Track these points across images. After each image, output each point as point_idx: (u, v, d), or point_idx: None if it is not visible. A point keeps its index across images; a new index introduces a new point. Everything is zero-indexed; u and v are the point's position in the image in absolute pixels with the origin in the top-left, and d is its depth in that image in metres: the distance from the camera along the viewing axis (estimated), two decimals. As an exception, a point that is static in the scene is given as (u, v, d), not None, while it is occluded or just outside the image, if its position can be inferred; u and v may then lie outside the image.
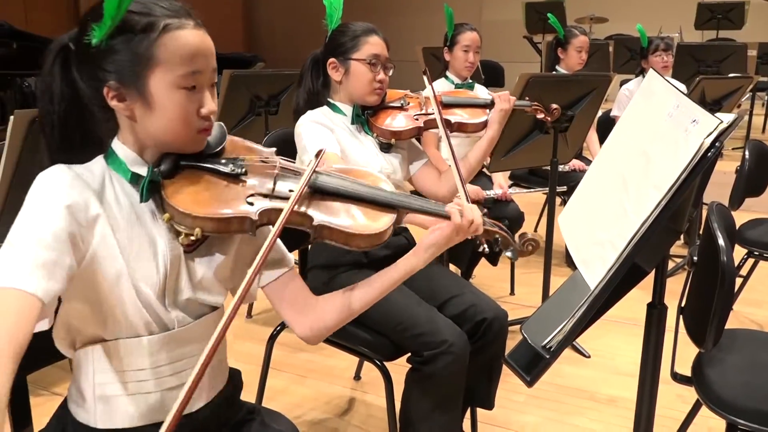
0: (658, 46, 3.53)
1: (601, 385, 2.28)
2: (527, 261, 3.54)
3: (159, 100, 0.91)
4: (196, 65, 0.92)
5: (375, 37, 1.73)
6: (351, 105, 1.77)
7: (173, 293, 0.98)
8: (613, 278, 0.84)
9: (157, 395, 0.98)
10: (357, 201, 1.05)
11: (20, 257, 0.80)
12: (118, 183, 0.95)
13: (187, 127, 0.94)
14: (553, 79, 2.82)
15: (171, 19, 0.91)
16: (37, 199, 0.86)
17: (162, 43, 0.90)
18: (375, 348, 1.61)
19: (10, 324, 0.75)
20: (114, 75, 0.90)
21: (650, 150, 1.02)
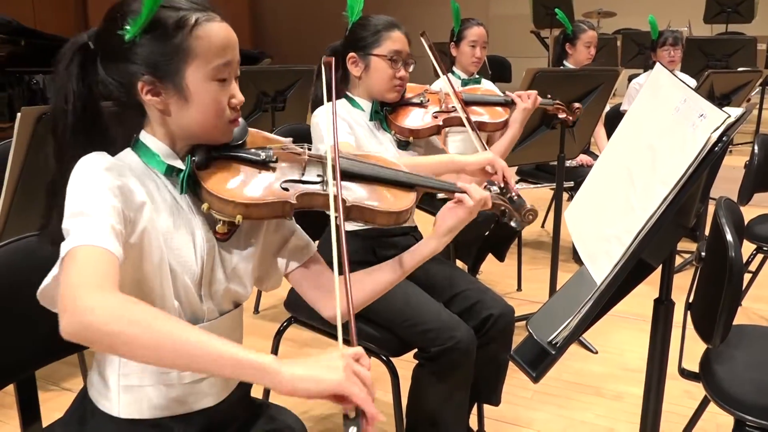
0: (666, 40, 3.51)
1: (608, 380, 2.27)
2: (534, 257, 3.54)
3: (195, 92, 0.93)
4: (228, 56, 0.95)
5: (397, 32, 1.69)
6: (370, 101, 1.75)
7: (209, 283, 1.01)
8: (620, 274, 0.83)
9: (180, 388, 1.00)
10: (380, 182, 1.12)
11: (97, 222, 0.82)
12: (154, 174, 0.98)
13: (220, 118, 0.96)
14: (560, 73, 2.80)
15: (200, 12, 0.93)
16: (90, 177, 0.87)
17: (197, 36, 0.92)
18: (381, 344, 1.61)
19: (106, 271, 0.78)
20: (148, 69, 0.92)
21: (657, 144, 1.01)
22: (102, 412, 1.00)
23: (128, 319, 0.73)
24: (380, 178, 1.12)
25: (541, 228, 3.96)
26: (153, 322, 0.73)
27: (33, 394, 1.18)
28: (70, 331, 0.73)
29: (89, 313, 0.72)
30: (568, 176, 2.94)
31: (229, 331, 1.06)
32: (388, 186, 1.13)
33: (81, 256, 0.78)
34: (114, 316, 0.73)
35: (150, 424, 1.00)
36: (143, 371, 0.98)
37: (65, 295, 0.75)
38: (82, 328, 0.73)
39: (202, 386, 1.02)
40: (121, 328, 0.72)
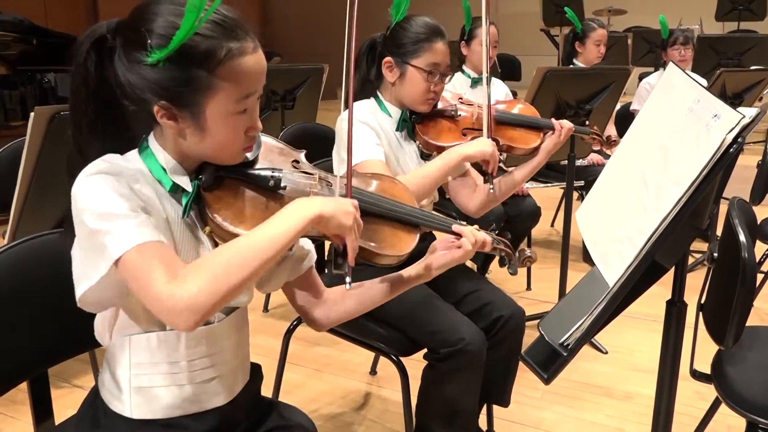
0: (677, 39, 3.49)
1: (618, 381, 2.26)
2: (544, 257, 3.53)
3: (213, 125, 0.91)
4: (252, 89, 0.92)
5: (439, 43, 1.61)
6: (399, 108, 1.68)
7: None
8: (632, 275, 0.83)
9: (191, 387, 1.00)
10: (385, 219, 1.10)
11: (130, 220, 0.84)
12: (159, 184, 0.95)
13: (235, 147, 0.95)
14: (570, 72, 2.79)
15: (232, 42, 0.88)
16: (100, 186, 0.86)
17: (223, 72, 0.87)
18: (391, 343, 1.61)
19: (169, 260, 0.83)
20: (167, 95, 0.88)
21: (670, 145, 1.00)
22: (114, 413, 1.01)
23: (220, 275, 0.81)
24: (388, 216, 1.10)
25: (551, 227, 3.95)
26: (230, 258, 0.82)
27: (46, 392, 1.19)
28: (193, 324, 0.80)
29: (196, 301, 0.79)
30: (578, 175, 2.93)
31: (235, 329, 1.06)
32: (394, 224, 1.11)
33: (139, 259, 0.82)
34: (211, 285, 0.80)
35: (162, 424, 1.00)
36: (154, 372, 0.98)
37: (159, 301, 0.80)
38: (202, 315, 0.80)
39: (213, 385, 1.03)
40: (225, 286, 0.80)
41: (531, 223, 2.88)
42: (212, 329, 1.01)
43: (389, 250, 1.07)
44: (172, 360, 0.98)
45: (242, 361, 1.10)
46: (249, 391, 1.12)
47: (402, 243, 1.09)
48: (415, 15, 1.65)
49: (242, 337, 1.09)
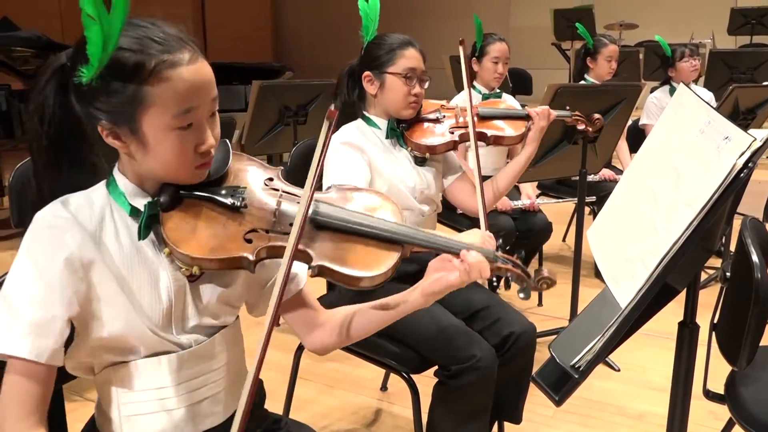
0: (684, 52, 3.49)
1: (630, 399, 2.24)
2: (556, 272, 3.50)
3: (153, 141, 0.88)
4: (191, 103, 0.88)
5: (411, 50, 1.71)
6: (386, 118, 1.76)
7: (180, 321, 0.98)
8: (644, 298, 0.83)
9: (181, 410, 0.99)
10: (360, 237, 1.00)
11: (14, 320, 0.85)
12: (119, 215, 0.94)
13: (184, 165, 0.91)
14: (581, 89, 2.80)
15: (164, 54, 0.85)
16: (33, 250, 0.87)
17: (153, 85, 0.85)
18: (402, 360, 1.62)
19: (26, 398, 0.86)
20: (106, 115, 0.87)
21: (681, 166, 1.00)
22: None
23: None
24: (361, 233, 0.99)
25: (563, 242, 3.94)
26: None
27: (60, 406, 1.20)
28: None
29: None
30: (590, 191, 2.92)
31: (222, 348, 1.03)
32: (370, 242, 1.00)
33: (10, 374, 0.85)
34: None
35: None
36: (141, 400, 0.97)
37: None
38: None
39: (205, 406, 1.01)
40: None
41: (542, 238, 2.88)
42: (194, 352, 0.99)
43: (361, 270, 0.97)
44: (157, 386, 0.97)
45: (236, 378, 1.07)
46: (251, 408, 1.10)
47: (376, 262, 0.98)
48: (385, 33, 1.76)
49: (234, 355, 1.06)
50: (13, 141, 3.96)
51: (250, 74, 4.90)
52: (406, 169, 1.74)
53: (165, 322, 0.96)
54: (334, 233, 0.99)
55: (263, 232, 0.95)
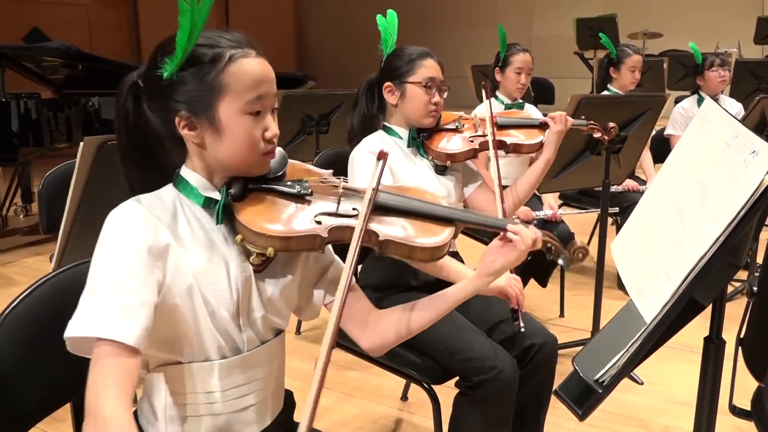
0: (713, 62, 3.45)
1: (655, 413, 2.21)
2: (577, 283, 3.49)
3: (227, 126, 0.96)
4: (261, 90, 0.97)
5: (430, 60, 1.75)
6: (407, 128, 1.79)
7: (246, 312, 1.03)
8: (670, 313, 0.82)
9: (225, 416, 1.02)
10: (417, 216, 1.09)
11: (102, 305, 0.87)
12: (189, 209, 1.00)
13: (253, 151, 0.99)
14: (605, 100, 2.78)
15: (235, 49, 0.96)
16: (113, 241, 0.92)
17: (229, 72, 0.95)
18: (423, 371, 1.62)
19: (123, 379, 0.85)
20: (185, 105, 0.96)
21: (707, 180, 1.00)
22: None
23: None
24: (418, 212, 1.10)
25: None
26: None
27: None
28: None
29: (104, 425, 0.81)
30: (613, 202, 2.90)
31: (270, 357, 1.07)
32: (426, 220, 1.11)
33: (102, 358, 0.85)
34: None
35: None
36: (189, 402, 1.00)
37: (89, 399, 0.84)
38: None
39: (247, 414, 1.04)
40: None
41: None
42: (246, 358, 1.03)
43: (421, 242, 1.06)
44: (207, 390, 1.00)
45: (276, 389, 1.11)
46: (282, 419, 1.13)
47: (435, 236, 1.08)
48: (403, 45, 1.81)
49: (277, 366, 1.10)
50: (43, 149, 4.04)
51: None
52: (427, 178, 1.76)
53: (234, 312, 1.00)
54: (395, 214, 1.08)
55: (330, 215, 1.03)
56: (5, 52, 3.94)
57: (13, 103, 3.78)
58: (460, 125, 1.86)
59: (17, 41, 4.73)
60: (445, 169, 1.81)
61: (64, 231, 1.51)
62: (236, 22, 10.16)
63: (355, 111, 1.87)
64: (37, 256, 3.98)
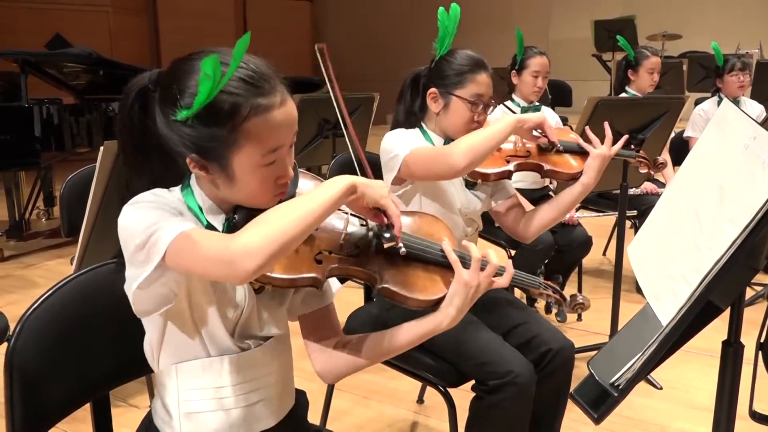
0: (734, 65, 3.40)
1: (673, 418, 2.19)
2: (595, 287, 3.46)
3: (241, 176, 0.93)
4: (279, 143, 0.93)
5: (482, 75, 1.64)
6: (443, 138, 1.71)
7: (243, 328, 1.04)
8: (686, 316, 0.82)
9: (238, 411, 1.04)
10: (420, 261, 1.09)
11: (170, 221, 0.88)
12: (194, 222, 0.98)
13: (265, 196, 0.97)
14: (622, 102, 2.76)
15: (257, 98, 0.90)
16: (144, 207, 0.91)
17: (247, 127, 0.90)
18: (439, 374, 1.62)
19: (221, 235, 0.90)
20: (197, 149, 0.92)
21: (725, 182, 0.99)
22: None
23: (271, 229, 0.84)
24: (423, 259, 1.09)
25: (603, 256, 3.88)
26: (276, 218, 0.86)
27: (107, 412, 1.25)
28: (252, 268, 0.82)
29: (251, 247, 0.82)
30: (631, 204, 2.88)
31: (274, 355, 1.08)
32: (429, 266, 1.09)
33: (189, 241, 0.85)
34: (264, 236, 0.83)
35: None
36: (201, 398, 1.02)
37: (216, 258, 0.83)
38: (259, 259, 0.82)
39: (259, 408, 1.06)
40: (278, 239, 0.83)
41: (582, 252, 2.84)
42: (250, 355, 1.04)
43: (422, 294, 1.05)
44: (218, 385, 1.02)
45: (286, 386, 1.13)
46: (294, 417, 1.14)
47: (435, 287, 1.07)
48: (459, 48, 1.69)
49: (284, 363, 1.11)
50: (65, 153, 4.10)
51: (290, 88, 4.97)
52: (456, 190, 1.71)
53: (231, 327, 1.01)
54: (399, 258, 1.06)
55: (333, 254, 1.01)
56: (28, 58, 4.01)
57: (36, 109, 3.85)
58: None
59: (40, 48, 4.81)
60: (475, 184, 1.75)
61: (85, 234, 1.54)
62: (254, 27, 10.23)
63: (400, 104, 1.76)
64: (58, 258, 4.04)
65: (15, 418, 1.01)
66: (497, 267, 1.12)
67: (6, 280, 3.69)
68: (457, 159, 1.49)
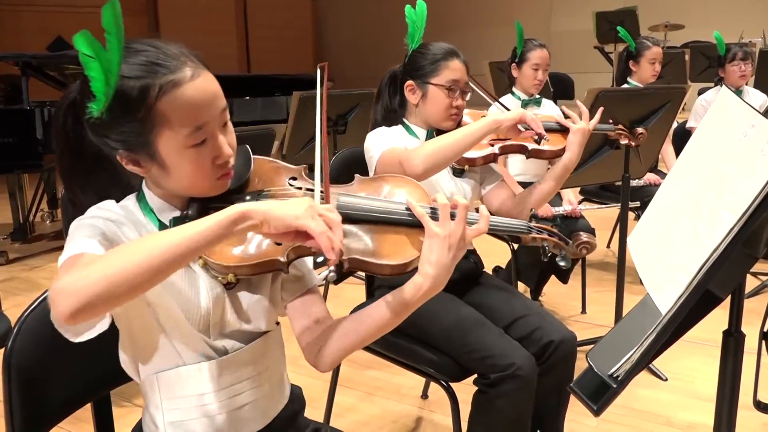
0: (735, 54, 3.38)
1: (678, 409, 2.18)
2: (599, 279, 3.45)
3: (171, 162, 0.91)
4: (201, 119, 0.89)
5: (456, 61, 1.70)
6: (426, 128, 1.75)
7: (219, 327, 1.00)
8: (684, 305, 0.81)
9: (223, 416, 1.02)
10: (389, 224, 0.99)
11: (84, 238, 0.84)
12: (151, 228, 0.97)
13: (205, 179, 0.93)
14: (623, 93, 2.74)
15: (166, 76, 0.87)
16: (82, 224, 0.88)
17: (161, 107, 0.87)
18: (441, 368, 1.61)
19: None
20: (122, 144, 0.90)
21: (724, 170, 0.98)
22: None
23: (110, 266, 0.73)
24: (388, 220, 0.99)
25: (607, 248, 3.86)
26: (132, 253, 0.74)
27: (108, 411, 1.25)
28: (66, 309, 0.71)
29: (72, 288, 0.71)
30: (634, 196, 2.86)
31: (258, 355, 1.05)
32: (398, 228, 0.98)
33: (73, 260, 0.80)
34: (95, 274, 0.72)
35: None
36: (184, 406, 1.00)
37: (51, 291, 0.74)
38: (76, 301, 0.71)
39: (246, 411, 1.04)
40: (111, 278, 0.72)
41: (585, 245, 2.83)
42: (231, 358, 1.01)
43: (390, 259, 0.95)
44: (200, 392, 1.00)
45: (276, 386, 1.10)
46: (287, 415, 1.12)
47: (405, 249, 0.97)
48: (430, 42, 1.74)
49: (272, 362, 1.08)
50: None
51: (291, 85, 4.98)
52: (444, 179, 1.74)
53: (203, 328, 0.98)
54: (361, 224, 0.98)
55: None
56: (29, 61, 4.02)
57: (38, 111, 3.86)
58: None
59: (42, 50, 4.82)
60: (463, 171, 1.77)
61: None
62: (255, 26, 10.24)
63: (378, 104, 1.82)
64: (63, 260, 4.05)
65: (15, 418, 1.01)
66: (466, 207, 0.97)
67: (11, 282, 3.71)
68: (416, 164, 1.51)
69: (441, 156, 1.53)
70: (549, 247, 1.11)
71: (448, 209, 0.96)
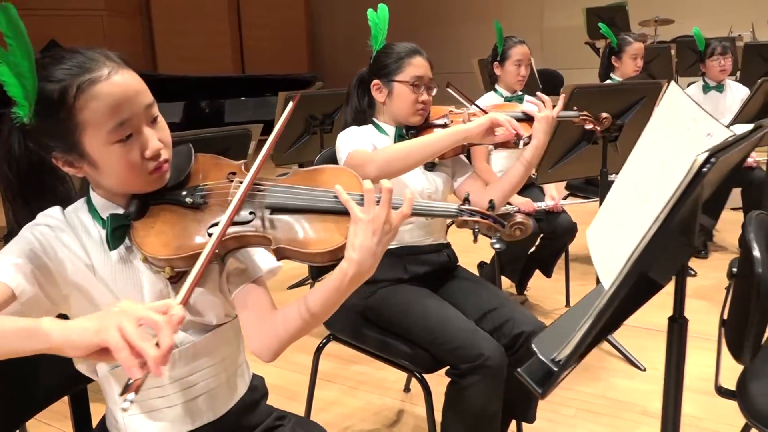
0: (714, 49, 3.42)
1: (655, 399, 2.22)
2: (583, 273, 3.48)
3: (99, 159, 0.93)
4: (122, 115, 0.92)
5: (418, 58, 1.76)
6: (394, 125, 1.81)
7: None
8: (618, 291, 0.85)
9: (180, 406, 1.05)
10: (315, 213, 1.01)
11: (9, 259, 0.88)
12: (98, 229, 1.00)
13: (137, 174, 0.96)
14: (599, 88, 2.78)
15: (82, 76, 0.90)
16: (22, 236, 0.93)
17: (80, 106, 0.90)
18: (415, 361, 1.65)
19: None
20: (54, 146, 0.94)
21: (669, 163, 1.02)
22: None
23: None
24: (314, 209, 1.01)
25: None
26: None
27: (85, 404, 1.29)
28: None
29: None
30: (614, 190, 2.89)
31: (212, 348, 1.06)
32: (327, 216, 1.00)
33: None
34: None
35: None
36: (142, 398, 1.02)
37: None
38: None
39: (201, 401, 1.07)
40: None
41: (567, 239, 2.87)
42: (183, 351, 1.03)
43: (316, 247, 0.97)
44: (155, 385, 1.03)
45: (231, 377, 1.12)
46: (247, 404, 1.14)
47: (331, 236, 0.98)
48: (393, 42, 1.81)
49: (230, 352, 1.11)
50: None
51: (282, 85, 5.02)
52: (415, 174, 1.77)
53: None
54: (289, 214, 1.00)
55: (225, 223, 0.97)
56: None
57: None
58: (448, 121, 1.85)
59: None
60: (434, 165, 1.82)
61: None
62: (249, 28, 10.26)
63: (348, 106, 1.88)
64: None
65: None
66: (390, 190, 0.97)
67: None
68: (369, 169, 1.56)
69: (397, 164, 1.59)
70: (481, 229, 1.11)
71: (374, 194, 0.97)
